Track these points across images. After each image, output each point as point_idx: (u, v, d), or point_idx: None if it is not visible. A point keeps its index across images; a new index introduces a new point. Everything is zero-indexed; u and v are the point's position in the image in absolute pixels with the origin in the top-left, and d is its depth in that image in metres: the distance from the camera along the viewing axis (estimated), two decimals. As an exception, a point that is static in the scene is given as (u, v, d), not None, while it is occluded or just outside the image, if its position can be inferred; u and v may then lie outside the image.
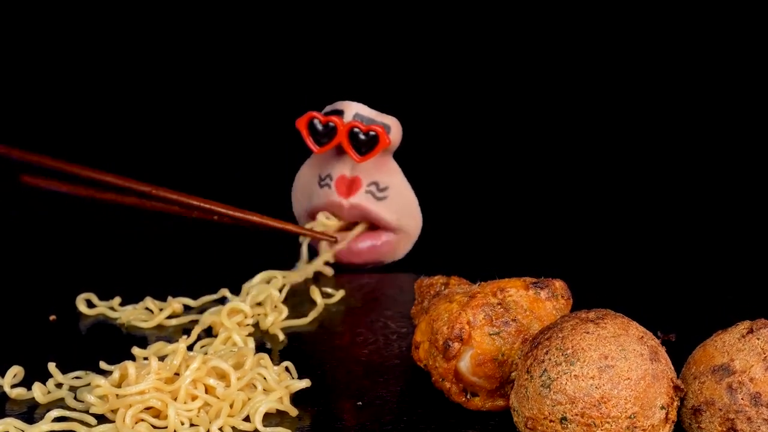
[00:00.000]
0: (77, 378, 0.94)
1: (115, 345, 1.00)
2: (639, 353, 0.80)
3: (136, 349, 0.95)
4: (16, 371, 0.94)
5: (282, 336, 1.01)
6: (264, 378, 0.91)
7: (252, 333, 1.01)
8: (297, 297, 1.08)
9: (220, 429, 0.87)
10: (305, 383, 0.92)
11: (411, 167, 1.16)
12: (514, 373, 0.86)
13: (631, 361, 0.79)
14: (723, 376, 0.81)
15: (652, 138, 1.40)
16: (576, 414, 0.79)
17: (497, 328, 0.87)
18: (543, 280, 0.91)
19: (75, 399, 0.91)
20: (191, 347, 0.98)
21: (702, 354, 0.83)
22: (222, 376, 0.90)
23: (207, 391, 0.89)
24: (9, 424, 0.87)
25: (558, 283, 0.91)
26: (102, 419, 0.88)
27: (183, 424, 0.87)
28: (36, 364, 0.95)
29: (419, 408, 0.90)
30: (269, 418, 0.89)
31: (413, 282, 0.98)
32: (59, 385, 0.93)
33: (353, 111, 1.11)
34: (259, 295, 1.04)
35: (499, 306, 0.88)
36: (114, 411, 0.88)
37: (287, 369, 0.94)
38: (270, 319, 1.02)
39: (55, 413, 0.88)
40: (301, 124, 1.11)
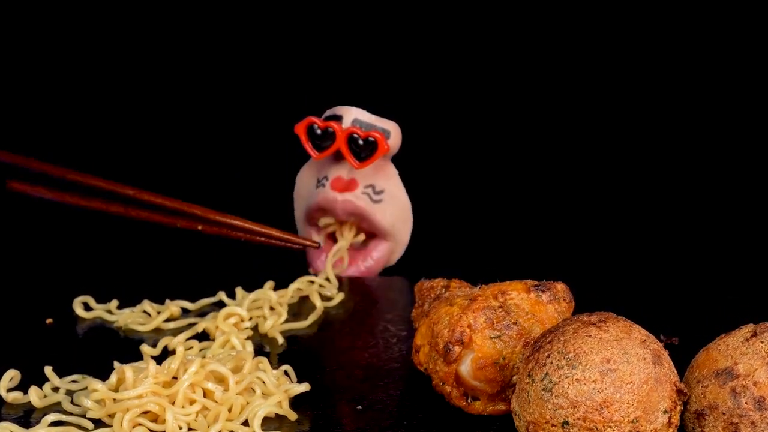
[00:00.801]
0: (74, 382, 0.94)
1: (113, 349, 1.00)
2: (641, 357, 0.80)
3: (145, 347, 0.96)
4: (12, 375, 0.94)
5: (281, 339, 1.01)
6: (263, 382, 0.91)
7: (251, 336, 1.01)
8: (296, 300, 1.08)
9: (218, 433, 0.87)
10: (304, 387, 0.92)
11: (413, 170, 1.16)
12: (515, 377, 0.86)
13: (634, 365, 0.79)
14: (726, 379, 0.81)
15: (653, 140, 1.40)
16: (578, 418, 0.79)
17: (498, 331, 0.87)
18: (545, 282, 0.91)
19: (72, 403, 0.91)
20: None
21: (705, 357, 0.83)
22: (220, 379, 0.90)
23: (205, 395, 0.89)
24: (5, 428, 0.87)
25: (560, 286, 0.91)
26: (99, 423, 0.88)
27: (181, 428, 0.87)
28: (32, 367, 0.95)
29: (419, 412, 0.90)
30: (268, 422, 0.89)
31: (413, 285, 0.99)
32: (56, 389, 0.93)
33: (352, 116, 1.11)
34: (258, 301, 1.05)
35: (501, 309, 0.88)
36: (111, 415, 0.88)
37: (286, 373, 0.94)
38: (269, 323, 1.02)
39: (52, 417, 0.88)
40: (300, 129, 1.12)
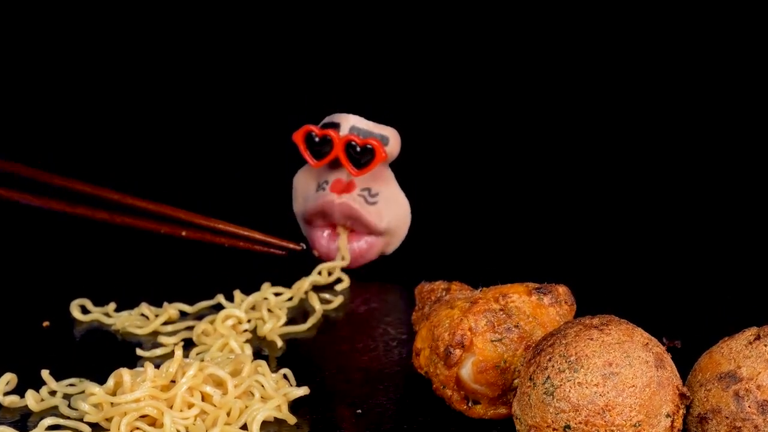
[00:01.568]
0: (71, 385, 0.94)
1: (110, 352, 1.00)
2: (644, 360, 0.80)
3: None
4: (8, 378, 0.94)
5: (280, 342, 1.01)
6: (262, 385, 0.91)
7: (249, 339, 1.01)
8: (295, 303, 1.08)
9: (216, 437, 0.87)
10: (304, 391, 0.92)
11: (413, 172, 1.16)
12: (516, 381, 0.86)
13: (636, 368, 0.79)
14: (729, 383, 0.81)
15: (655, 142, 1.40)
16: (580, 422, 0.78)
17: (499, 334, 0.87)
18: (546, 285, 0.91)
19: (69, 407, 0.91)
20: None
21: (708, 361, 0.83)
22: (219, 383, 0.90)
23: (204, 399, 0.89)
24: (2, 432, 0.87)
25: (561, 289, 0.91)
26: (96, 428, 0.88)
27: (179, 432, 0.87)
28: (29, 371, 0.95)
29: (420, 416, 0.90)
30: (267, 426, 0.89)
31: (414, 287, 0.99)
32: (53, 393, 0.93)
33: (350, 124, 1.11)
34: (256, 303, 1.05)
35: (502, 312, 0.88)
36: (108, 419, 0.88)
37: (285, 376, 0.94)
38: (268, 326, 1.02)
39: (49, 421, 0.88)
40: (298, 137, 1.12)
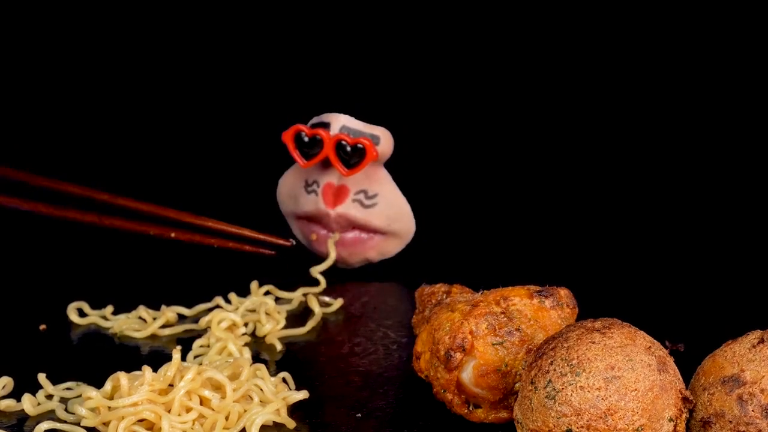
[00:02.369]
0: (68, 389, 0.94)
1: (108, 355, 1.00)
2: (646, 364, 0.80)
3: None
4: (5, 382, 0.94)
5: (279, 346, 1.01)
6: (260, 389, 0.91)
7: (248, 343, 1.01)
8: (294, 306, 1.08)
9: (215, 442, 0.87)
10: (303, 395, 0.92)
11: (413, 174, 1.16)
12: (517, 384, 0.86)
13: (639, 372, 0.79)
14: (733, 387, 0.81)
15: (658, 144, 1.40)
16: (582, 426, 0.78)
17: (500, 337, 0.87)
18: (548, 288, 0.91)
19: (66, 411, 0.91)
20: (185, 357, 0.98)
21: (711, 364, 0.83)
22: (217, 387, 0.90)
23: (202, 403, 0.89)
24: (-2, 436, 0.87)
25: (563, 292, 0.91)
26: (94, 432, 0.89)
27: (177, 436, 0.87)
28: (26, 374, 0.95)
29: (420, 420, 0.90)
30: (266, 430, 0.89)
31: (414, 290, 0.99)
32: (49, 397, 0.93)
33: (340, 123, 1.11)
34: (254, 306, 1.05)
35: (503, 315, 0.88)
36: (106, 423, 0.88)
37: (284, 380, 0.94)
38: (267, 328, 1.02)
39: (46, 425, 0.88)
40: (288, 137, 1.12)
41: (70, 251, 1.19)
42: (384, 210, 1.12)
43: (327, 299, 1.09)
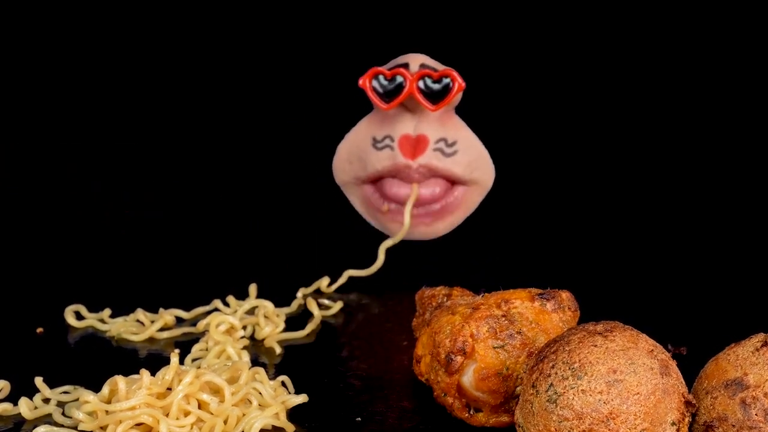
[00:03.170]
0: (65, 393, 0.94)
1: (105, 359, 1.00)
2: (649, 367, 0.80)
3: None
4: (1, 386, 0.94)
5: (278, 349, 1.01)
6: (259, 393, 0.91)
7: (247, 346, 1.01)
8: (293, 309, 1.08)
9: (213, 446, 0.87)
10: (302, 398, 0.92)
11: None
12: (519, 388, 0.86)
13: (641, 376, 0.79)
14: (736, 390, 0.81)
15: (661, 148, 1.40)
16: (583, 430, 0.78)
17: (502, 341, 0.87)
18: (549, 291, 0.91)
19: (63, 415, 0.91)
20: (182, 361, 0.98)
21: (714, 368, 0.83)
22: (216, 391, 0.90)
23: (200, 407, 0.89)
24: (-6, 440, 0.87)
25: (565, 295, 0.91)
26: (91, 436, 0.89)
27: (175, 440, 0.87)
28: (23, 378, 0.95)
29: (420, 424, 0.90)
30: (265, 434, 0.89)
31: (414, 293, 0.99)
32: (46, 401, 0.93)
33: (419, 62, 1.08)
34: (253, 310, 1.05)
35: (504, 318, 0.88)
36: (103, 427, 0.88)
37: (283, 383, 0.94)
38: (266, 331, 1.02)
39: (43, 429, 0.88)
40: (366, 81, 1.08)
41: (67, 254, 1.19)
42: (464, 157, 1.09)
43: (326, 302, 1.09)
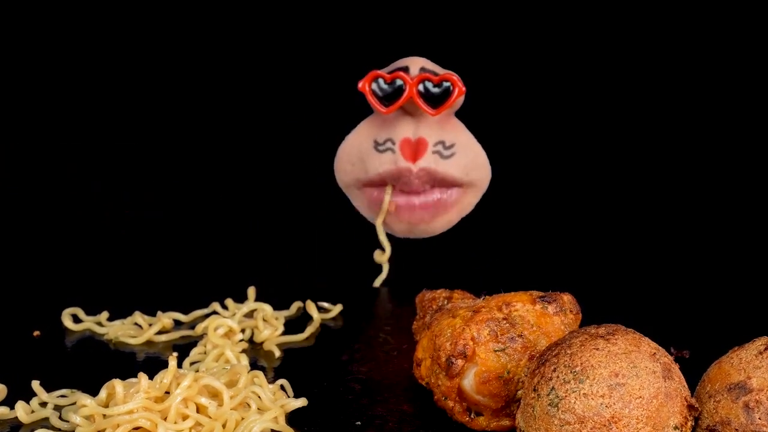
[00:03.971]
0: (62, 397, 0.94)
1: (103, 362, 1.00)
2: (651, 371, 0.80)
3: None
4: (-2, 390, 0.94)
5: (277, 352, 1.01)
6: (258, 397, 0.91)
7: (246, 349, 1.01)
8: (293, 312, 1.08)
9: (212, 450, 0.87)
10: (301, 402, 0.92)
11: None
12: (520, 392, 0.86)
13: (643, 379, 0.79)
14: (739, 394, 0.81)
15: (663, 150, 1.40)
16: (585, 434, 0.78)
17: (503, 344, 0.87)
18: (551, 293, 0.91)
19: (60, 419, 0.91)
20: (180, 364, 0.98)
21: (717, 371, 0.83)
22: (214, 394, 0.90)
23: (198, 411, 0.89)
24: (-9, 444, 0.87)
25: (566, 297, 0.91)
26: (88, 440, 0.88)
27: (173, 445, 0.87)
28: (19, 381, 0.95)
29: (421, 428, 0.90)
30: (264, 438, 0.89)
31: (414, 296, 0.98)
32: (43, 404, 0.93)
33: (419, 66, 1.08)
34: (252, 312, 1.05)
35: (505, 321, 0.88)
36: (101, 431, 0.88)
37: (282, 387, 0.94)
38: (265, 334, 1.02)
39: (40, 433, 0.89)
40: (365, 84, 1.08)
41: (64, 256, 1.19)
42: (461, 159, 1.09)
43: (326, 305, 1.09)
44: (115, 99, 1.50)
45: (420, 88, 1.07)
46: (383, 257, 1.13)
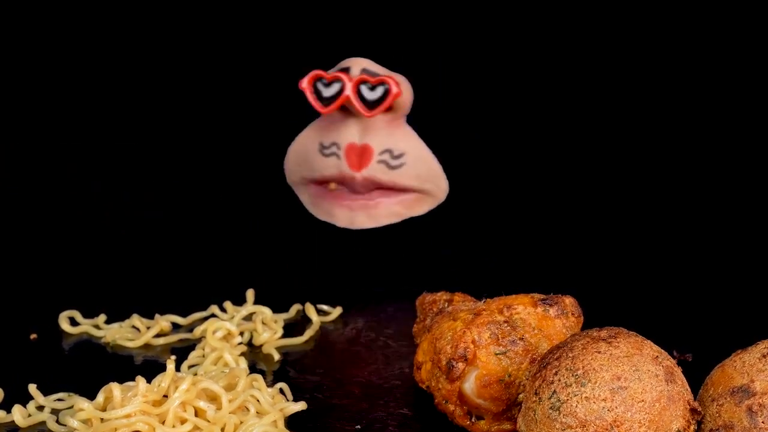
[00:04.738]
0: (59, 400, 0.94)
1: (100, 365, 1.00)
2: (654, 374, 0.80)
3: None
4: (-6, 393, 0.94)
5: (276, 356, 1.01)
6: (257, 400, 0.91)
7: (245, 353, 1.01)
8: (292, 315, 1.08)
9: (210, 454, 0.87)
10: (301, 406, 0.92)
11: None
12: (521, 395, 0.86)
13: (646, 383, 0.79)
14: (742, 398, 0.81)
15: (666, 153, 1.40)
16: (587, 438, 0.78)
17: (504, 347, 0.87)
18: (552, 296, 0.91)
19: (57, 422, 0.91)
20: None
21: (720, 375, 0.83)
22: (213, 398, 0.90)
23: (197, 414, 0.89)
24: (-13, 448, 0.87)
25: (568, 300, 0.91)
26: (86, 444, 0.88)
27: (171, 449, 0.87)
28: (16, 385, 0.95)
29: (421, 432, 0.90)
30: (263, 442, 0.89)
31: (415, 298, 0.98)
32: (40, 408, 0.93)
33: (360, 67, 1.08)
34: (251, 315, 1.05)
35: (506, 324, 0.88)
36: (98, 435, 0.88)
37: (282, 391, 0.94)
38: (264, 337, 1.02)
39: (37, 437, 0.89)
40: (306, 83, 1.08)
41: (62, 259, 1.19)
42: (412, 170, 1.08)
43: (325, 308, 1.09)
44: (115, 99, 1.50)
45: (360, 89, 1.07)
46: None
